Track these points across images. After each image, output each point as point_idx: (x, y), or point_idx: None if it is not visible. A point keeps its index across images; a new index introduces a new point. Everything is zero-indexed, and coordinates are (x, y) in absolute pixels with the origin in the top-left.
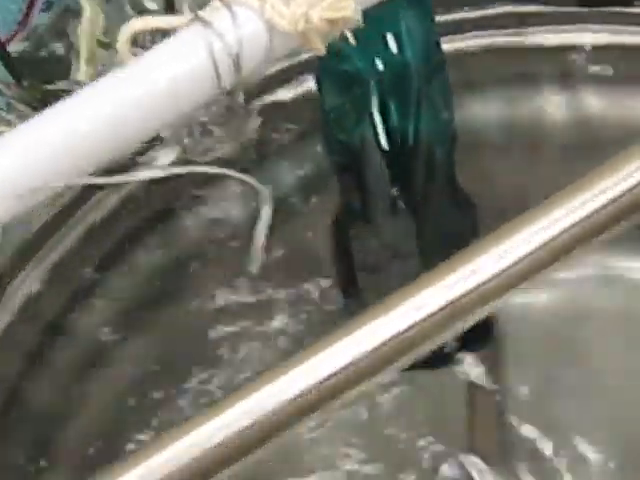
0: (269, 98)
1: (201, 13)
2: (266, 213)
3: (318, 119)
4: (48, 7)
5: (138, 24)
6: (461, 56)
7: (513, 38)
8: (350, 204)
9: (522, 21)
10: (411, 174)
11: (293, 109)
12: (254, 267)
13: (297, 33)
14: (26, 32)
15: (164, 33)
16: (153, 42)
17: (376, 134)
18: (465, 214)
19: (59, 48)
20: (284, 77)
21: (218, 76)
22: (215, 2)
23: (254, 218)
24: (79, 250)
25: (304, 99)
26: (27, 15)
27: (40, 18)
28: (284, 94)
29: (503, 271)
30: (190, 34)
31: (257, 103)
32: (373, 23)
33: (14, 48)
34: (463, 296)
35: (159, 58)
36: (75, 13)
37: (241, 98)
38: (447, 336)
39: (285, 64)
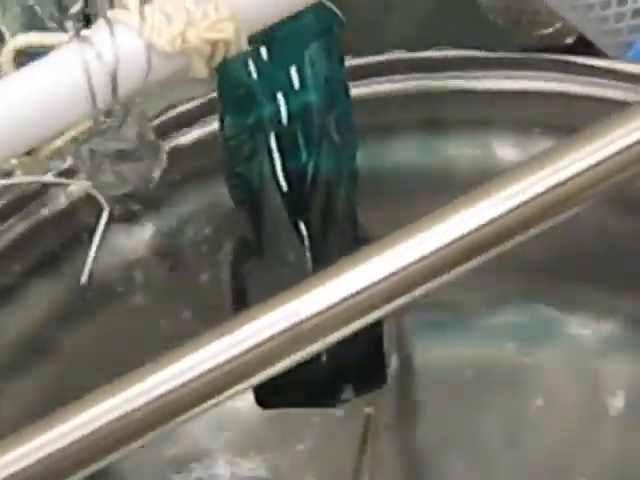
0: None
1: (84, 31)
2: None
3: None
4: None
5: (21, 40)
6: (374, 100)
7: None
8: (246, 239)
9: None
10: (309, 212)
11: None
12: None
13: (176, 53)
14: None
15: None
16: None
17: (273, 170)
18: None
19: None
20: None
21: (93, 94)
22: (100, 20)
23: None
24: None
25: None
26: None
27: None
28: (189, 136)
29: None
30: (68, 50)
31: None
32: (277, 53)
33: None
34: None
35: (34, 73)
36: None
37: (151, 135)
38: None
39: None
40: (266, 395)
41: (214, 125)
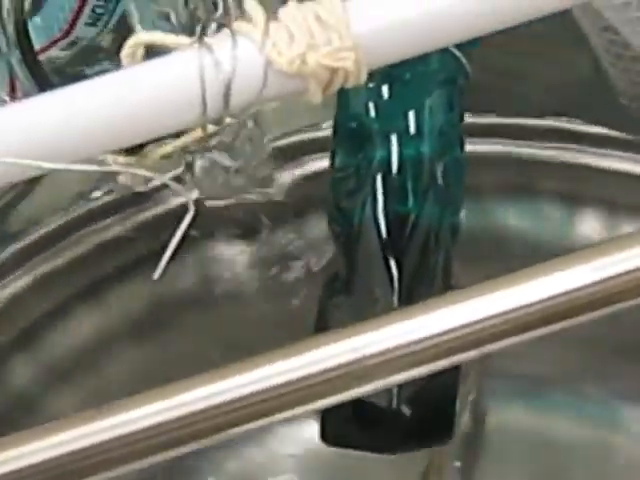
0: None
1: (207, 38)
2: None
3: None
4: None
5: (144, 37)
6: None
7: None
8: (337, 275)
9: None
10: (404, 257)
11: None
12: (156, 274)
13: (293, 74)
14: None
15: None
16: None
17: (375, 211)
18: None
19: None
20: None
21: (205, 101)
22: (224, 30)
23: None
24: None
25: None
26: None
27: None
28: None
29: None
30: (187, 53)
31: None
32: (398, 95)
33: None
34: None
35: (151, 69)
36: None
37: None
38: None
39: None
40: (331, 433)
41: None
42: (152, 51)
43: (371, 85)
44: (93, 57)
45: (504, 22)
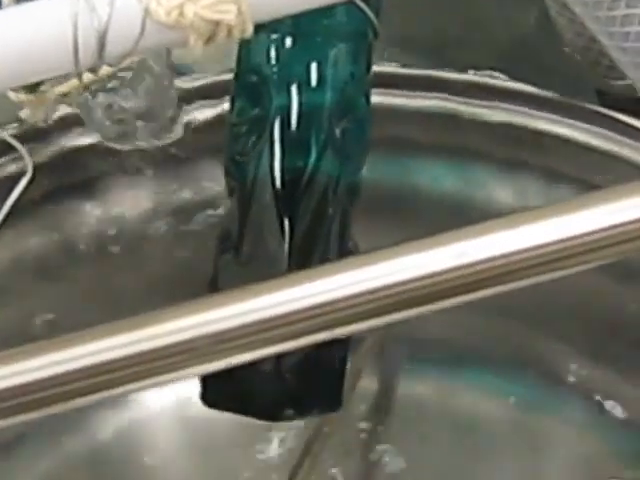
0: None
1: None
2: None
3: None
4: None
5: None
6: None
7: None
8: (228, 232)
9: None
10: (297, 214)
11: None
12: None
13: (171, 25)
14: None
15: None
16: None
17: (271, 164)
18: None
19: None
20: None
21: (76, 49)
22: None
23: None
24: None
25: None
26: None
27: None
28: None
29: None
30: None
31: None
32: (301, 45)
33: None
34: None
35: (22, 12)
36: None
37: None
38: None
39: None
40: (211, 394)
41: None
42: None
43: (273, 36)
44: None
45: None
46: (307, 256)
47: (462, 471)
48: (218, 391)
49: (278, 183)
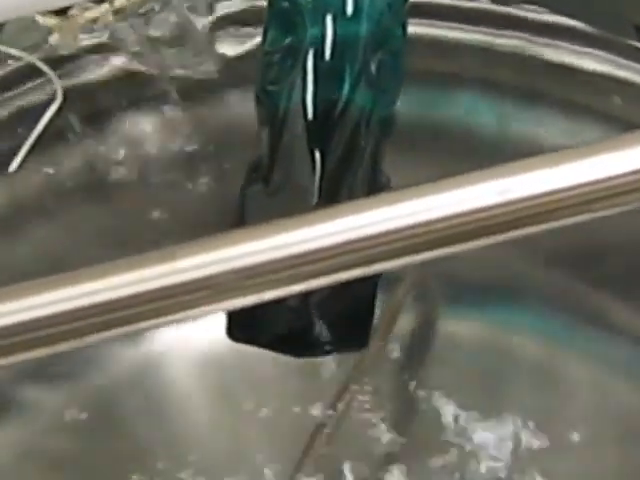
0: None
1: None
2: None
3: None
4: None
5: None
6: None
7: None
8: (260, 161)
9: None
10: (329, 146)
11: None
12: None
13: None
14: None
15: None
16: None
17: (304, 95)
18: None
19: None
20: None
21: None
22: None
23: None
24: None
25: None
26: None
27: None
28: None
29: None
30: None
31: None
32: None
33: None
34: None
35: None
36: None
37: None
38: None
39: None
40: (237, 329)
41: None
42: None
43: None
44: None
45: None
46: (337, 189)
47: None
48: (243, 325)
49: (310, 114)
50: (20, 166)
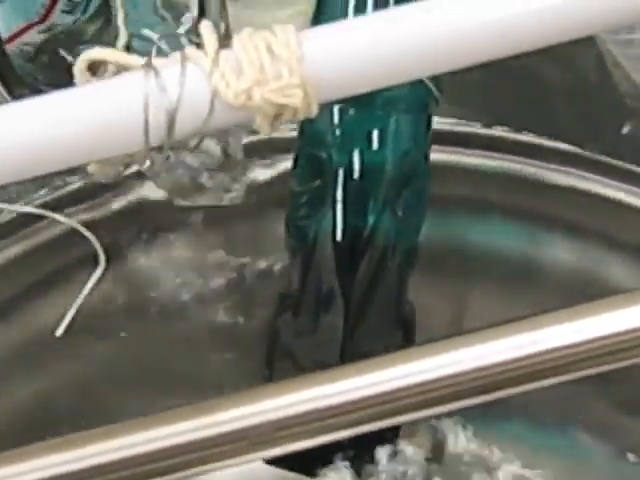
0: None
1: (156, 60)
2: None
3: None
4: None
5: (94, 54)
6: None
7: None
8: (288, 293)
9: None
10: (357, 272)
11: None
12: None
13: (239, 107)
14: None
15: None
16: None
17: (334, 225)
18: (403, 337)
19: None
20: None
21: (147, 130)
22: (176, 54)
23: None
24: None
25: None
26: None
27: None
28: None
29: None
30: (134, 76)
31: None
32: (363, 112)
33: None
34: None
35: (96, 91)
36: None
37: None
38: None
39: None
40: None
41: None
42: None
43: (336, 107)
44: (72, 43)
45: (457, 62)
46: (362, 326)
47: None
48: None
49: (339, 245)
50: None
